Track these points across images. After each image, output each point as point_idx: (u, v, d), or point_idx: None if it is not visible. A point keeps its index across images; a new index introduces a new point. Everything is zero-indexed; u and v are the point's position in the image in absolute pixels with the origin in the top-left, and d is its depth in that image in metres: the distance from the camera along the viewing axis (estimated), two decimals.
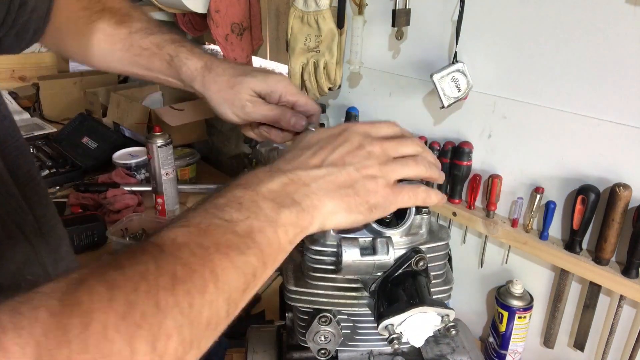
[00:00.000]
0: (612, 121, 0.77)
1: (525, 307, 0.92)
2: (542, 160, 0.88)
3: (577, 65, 0.80)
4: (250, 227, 0.39)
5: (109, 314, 0.30)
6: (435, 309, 0.46)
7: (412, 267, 0.49)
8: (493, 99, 0.92)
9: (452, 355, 0.64)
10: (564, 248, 0.85)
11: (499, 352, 0.97)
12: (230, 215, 0.39)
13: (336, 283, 0.54)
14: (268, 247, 0.40)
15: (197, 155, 1.72)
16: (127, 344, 0.30)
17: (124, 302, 0.31)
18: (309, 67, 1.15)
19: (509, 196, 0.94)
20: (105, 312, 0.30)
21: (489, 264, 1.02)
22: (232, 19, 1.37)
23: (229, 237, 0.38)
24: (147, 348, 0.31)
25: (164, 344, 0.32)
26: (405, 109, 1.09)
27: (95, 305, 0.30)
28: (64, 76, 2.30)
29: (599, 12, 0.75)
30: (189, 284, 0.34)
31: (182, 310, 0.33)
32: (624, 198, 0.75)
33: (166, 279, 0.33)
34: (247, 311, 1.08)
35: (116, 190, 1.49)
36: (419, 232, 0.52)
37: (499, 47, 0.89)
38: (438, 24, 0.97)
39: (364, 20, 1.10)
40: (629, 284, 0.77)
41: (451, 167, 0.98)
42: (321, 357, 0.58)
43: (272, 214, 0.41)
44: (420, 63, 1.03)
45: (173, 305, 0.33)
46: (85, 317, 0.29)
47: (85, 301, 0.30)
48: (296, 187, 0.44)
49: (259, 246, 0.39)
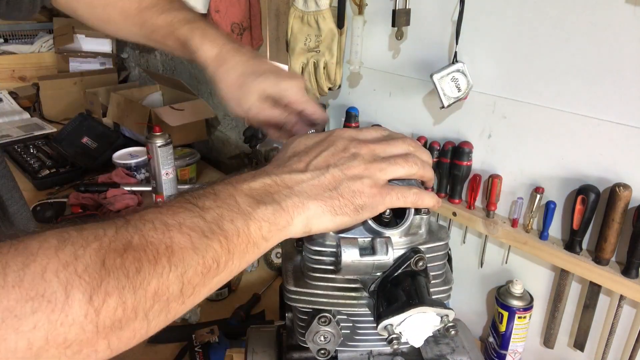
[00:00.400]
0: (612, 121, 0.77)
1: (525, 307, 0.92)
2: (542, 160, 0.88)
3: (577, 66, 0.79)
4: (220, 215, 0.40)
5: (51, 260, 0.32)
6: (435, 309, 0.46)
7: (412, 267, 0.49)
8: (493, 99, 0.92)
9: (452, 355, 0.64)
10: (564, 248, 0.85)
11: (499, 352, 0.97)
12: (203, 203, 0.40)
13: (335, 283, 0.54)
14: (235, 237, 0.40)
15: (197, 155, 1.72)
16: (63, 288, 0.31)
17: (71, 253, 0.33)
18: (309, 67, 1.15)
19: (509, 196, 0.94)
20: (48, 257, 0.32)
21: (489, 264, 1.02)
22: (232, 19, 1.37)
23: (195, 220, 0.39)
24: (83, 297, 0.32)
25: (102, 299, 0.32)
26: (405, 109, 1.09)
27: (41, 251, 0.32)
28: (64, 76, 2.30)
29: (599, 12, 0.75)
30: (141, 252, 0.35)
31: (127, 273, 0.34)
32: (624, 198, 0.75)
33: (119, 244, 0.35)
34: (247, 311, 1.09)
35: (116, 190, 1.49)
36: (418, 232, 0.52)
37: (499, 47, 0.89)
38: (438, 24, 0.97)
39: (364, 20, 1.10)
40: (629, 284, 0.77)
41: (451, 167, 0.98)
42: (321, 357, 0.58)
43: (246, 208, 0.41)
44: (420, 63, 1.03)
45: (119, 267, 0.34)
46: (27, 259, 0.32)
47: (34, 246, 0.32)
48: (278, 188, 0.44)
49: (225, 234, 0.39)
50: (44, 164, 1.71)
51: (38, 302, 0.31)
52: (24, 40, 2.63)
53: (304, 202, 0.44)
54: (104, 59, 2.46)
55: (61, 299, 0.31)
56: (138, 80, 2.47)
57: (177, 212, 0.39)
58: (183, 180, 1.64)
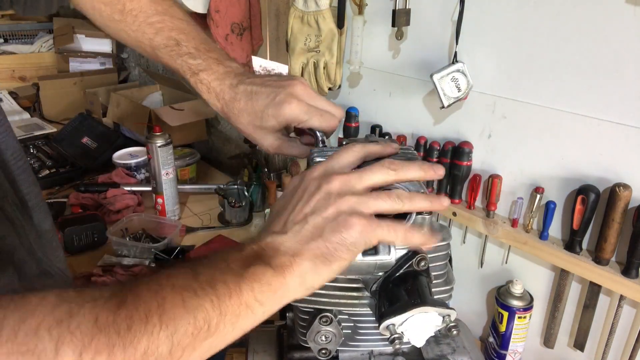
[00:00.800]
0: (612, 121, 0.77)
1: (525, 307, 0.92)
2: (542, 160, 0.88)
3: (577, 65, 0.80)
4: (212, 277, 0.40)
5: (46, 316, 0.33)
6: (437, 309, 0.46)
7: (414, 267, 0.49)
8: (493, 99, 0.92)
9: (453, 355, 0.65)
10: (564, 248, 0.85)
11: (499, 352, 0.97)
12: (196, 268, 0.41)
13: (337, 283, 0.54)
14: (227, 298, 0.39)
15: (197, 155, 1.72)
16: (54, 345, 0.32)
17: (66, 311, 0.34)
18: (309, 67, 1.15)
19: (509, 196, 0.94)
20: (44, 314, 0.33)
21: (489, 264, 1.02)
22: (232, 19, 1.37)
23: (188, 281, 0.39)
24: (72, 354, 0.33)
25: (91, 357, 0.33)
26: (405, 109, 1.09)
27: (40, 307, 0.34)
28: (64, 76, 2.30)
29: (599, 12, 0.75)
30: (133, 310, 0.36)
31: (118, 330, 0.34)
32: (624, 198, 0.75)
33: (113, 303, 0.36)
34: None
35: (116, 190, 1.49)
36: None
37: (499, 47, 0.89)
38: (438, 24, 0.98)
39: (364, 20, 1.11)
40: (629, 284, 0.77)
41: (451, 167, 0.99)
42: (322, 357, 0.58)
43: (237, 269, 0.41)
44: (420, 63, 1.03)
45: (111, 324, 0.34)
46: (24, 314, 0.33)
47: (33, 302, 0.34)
48: (264, 252, 0.43)
49: (216, 294, 0.39)
50: (44, 164, 1.71)
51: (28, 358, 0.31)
52: (24, 40, 2.63)
53: (291, 261, 0.42)
54: (104, 59, 2.46)
55: (51, 355, 0.32)
56: (138, 80, 2.47)
57: (170, 275, 0.39)
58: (183, 180, 1.64)
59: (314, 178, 0.47)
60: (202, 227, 1.43)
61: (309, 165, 0.58)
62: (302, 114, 0.61)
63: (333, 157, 0.49)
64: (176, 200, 1.45)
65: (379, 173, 0.46)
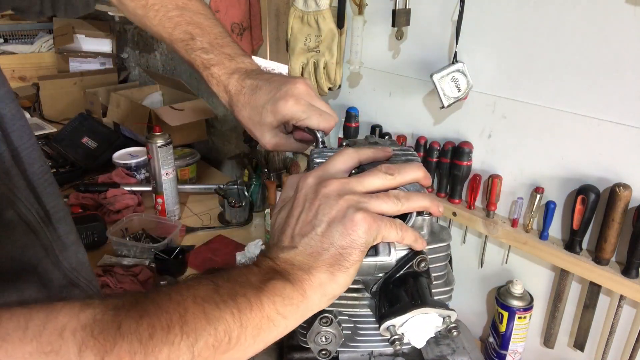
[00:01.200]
0: (612, 121, 0.77)
1: (525, 307, 0.92)
2: (542, 160, 0.88)
3: (577, 65, 0.80)
4: (233, 290, 0.40)
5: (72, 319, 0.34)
6: (437, 310, 0.46)
7: (414, 268, 0.49)
8: (493, 99, 0.92)
9: (453, 355, 0.65)
10: (564, 248, 0.85)
11: (499, 353, 0.97)
12: (217, 281, 0.41)
13: None
14: (248, 310, 0.39)
15: (197, 155, 1.72)
16: (77, 348, 0.33)
17: (91, 316, 0.35)
18: (309, 67, 1.15)
19: (509, 196, 0.94)
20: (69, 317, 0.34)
21: (489, 264, 1.02)
22: (232, 19, 1.37)
23: (209, 293, 0.39)
24: (95, 359, 0.33)
25: None
26: (405, 109, 1.09)
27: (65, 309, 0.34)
28: (64, 76, 2.30)
29: (599, 12, 0.75)
30: (155, 319, 0.36)
31: (140, 338, 0.35)
32: (624, 198, 0.75)
33: (135, 312, 0.36)
34: None
35: (116, 190, 1.49)
36: (420, 234, 0.52)
37: (499, 47, 0.89)
38: (438, 24, 0.98)
39: (364, 20, 1.11)
40: (629, 284, 0.77)
41: (451, 167, 0.99)
42: (322, 357, 0.58)
43: (258, 284, 0.41)
44: (420, 63, 1.03)
45: (133, 332, 0.35)
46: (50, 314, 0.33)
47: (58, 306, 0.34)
48: (281, 267, 0.43)
49: (237, 307, 0.39)
50: None
51: (51, 359, 0.32)
52: (24, 40, 2.63)
53: (309, 274, 0.42)
54: (104, 59, 2.46)
55: (74, 358, 0.32)
56: (138, 80, 2.47)
57: (191, 286, 0.40)
58: (183, 180, 1.64)
59: (308, 185, 0.47)
60: (202, 227, 1.43)
61: (309, 165, 0.58)
62: (300, 112, 0.62)
63: (327, 162, 0.49)
64: (176, 200, 1.45)
65: (377, 178, 0.47)
